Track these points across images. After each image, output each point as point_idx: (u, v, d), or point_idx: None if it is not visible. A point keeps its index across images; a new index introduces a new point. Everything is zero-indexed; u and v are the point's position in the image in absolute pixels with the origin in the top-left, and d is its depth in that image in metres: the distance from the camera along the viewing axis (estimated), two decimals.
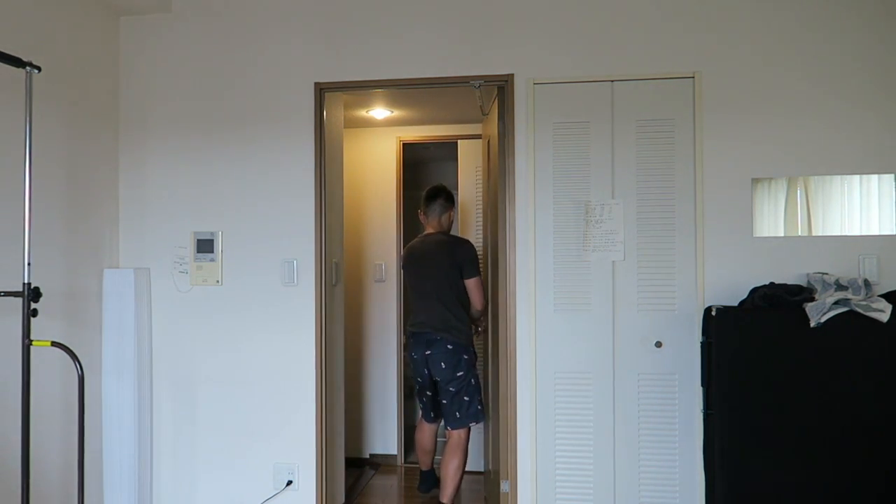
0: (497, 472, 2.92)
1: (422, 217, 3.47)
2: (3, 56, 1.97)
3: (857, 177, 2.63)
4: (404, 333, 3.98)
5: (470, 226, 4.14)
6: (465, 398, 3.23)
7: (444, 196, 3.42)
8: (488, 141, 3.35)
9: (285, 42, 2.94)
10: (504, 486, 2.81)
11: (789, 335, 2.36)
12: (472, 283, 3.25)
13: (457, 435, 3.26)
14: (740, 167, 2.67)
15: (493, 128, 3.28)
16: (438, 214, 3.40)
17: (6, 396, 2.29)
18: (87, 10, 2.82)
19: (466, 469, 4.01)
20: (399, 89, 3.00)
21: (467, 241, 3.35)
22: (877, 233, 2.61)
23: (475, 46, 2.83)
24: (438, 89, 3.01)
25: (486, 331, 3.45)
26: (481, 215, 3.81)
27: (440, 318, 3.24)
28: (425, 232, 3.47)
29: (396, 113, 3.99)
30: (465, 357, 3.23)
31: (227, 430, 2.96)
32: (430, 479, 3.67)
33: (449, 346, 3.22)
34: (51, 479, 2.53)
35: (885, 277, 2.58)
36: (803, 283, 2.57)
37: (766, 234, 2.67)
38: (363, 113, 3.97)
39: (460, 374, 3.22)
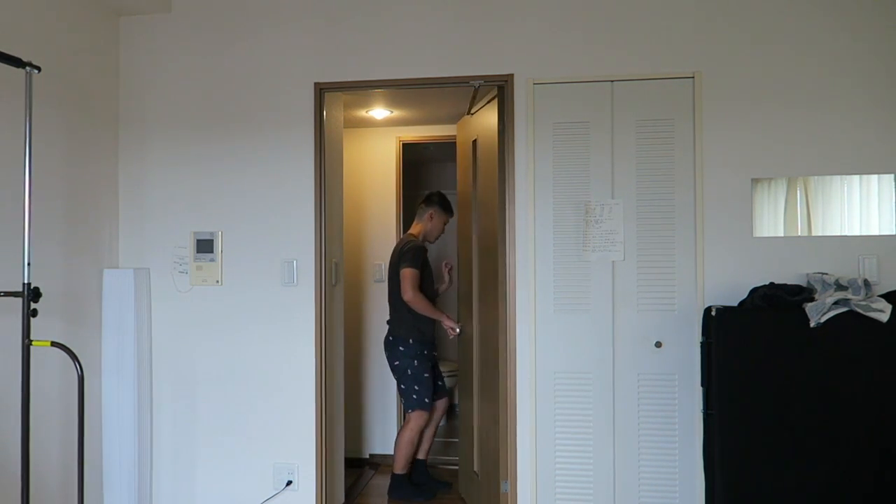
0: (488, 474, 2.92)
1: None
2: (3, 56, 1.97)
3: (857, 177, 2.63)
4: None
5: None
6: (402, 386, 3.54)
7: (425, 201, 3.71)
8: (475, 140, 3.36)
9: (285, 42, 2.94)
10: (504, 486, 2.81)
11: (789, 335, 2.36)
12: (401, 273, 3.44)
13: (408, 416, 3.56)
14: (740, 167, 2.67)
15: (476, 127, 3.29)
16: (419, 217, 3.70)
17: (6, 396, 2.29)
18: (87, 10, 2.82)
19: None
20: (399, 89, 3.01)
21: (413, 241, 3.54)
22: (877, 233, 2.61)
23: (475, 46, 2.82)
24: (438, 89, 3.02)
25: (462, 333, 3.50)
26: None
27: (391, 313, 3.62)
28: None
29: (396, 113, 3.99)
30: (401, 349, 3.52)
31: (226, 430, 2.95)
32: (408, 484, 3.65)
33: (390, 338, 3.58)
34: (51, 479, 2.53)
35: (885, 277, 2.58)
36: (803, 283, 2.57)
37: (765, 234, 2.67)
38: (363, 113, 3.97)
39: (396, 363, 3.54)
